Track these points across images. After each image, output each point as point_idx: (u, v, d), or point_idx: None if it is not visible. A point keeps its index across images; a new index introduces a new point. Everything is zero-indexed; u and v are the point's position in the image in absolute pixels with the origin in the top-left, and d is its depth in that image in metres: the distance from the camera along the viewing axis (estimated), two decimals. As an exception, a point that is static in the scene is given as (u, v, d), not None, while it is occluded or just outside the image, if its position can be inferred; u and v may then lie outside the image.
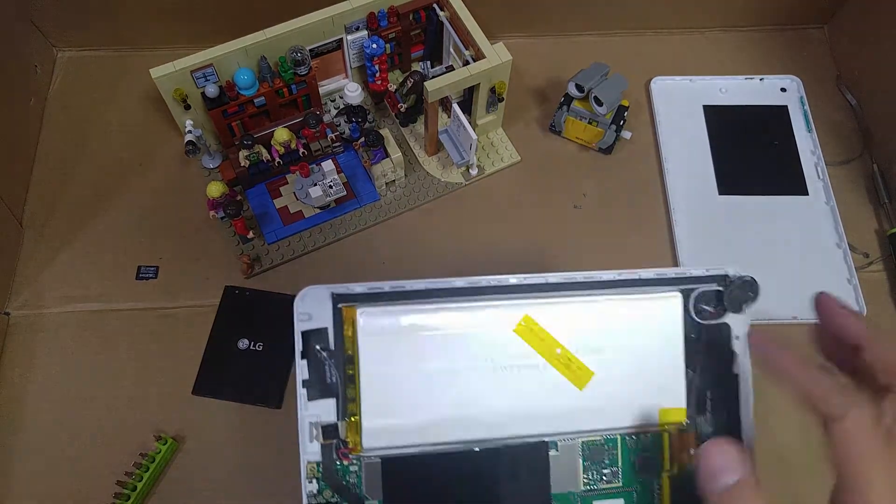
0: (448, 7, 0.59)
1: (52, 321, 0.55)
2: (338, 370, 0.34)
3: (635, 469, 0.36)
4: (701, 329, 0.36)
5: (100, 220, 0.60)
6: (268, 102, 0.59)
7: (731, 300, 0.35)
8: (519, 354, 0.35)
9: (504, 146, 0.64)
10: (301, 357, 0.33)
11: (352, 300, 0.34)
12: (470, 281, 0.34)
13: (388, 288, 0.34)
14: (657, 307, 0.35)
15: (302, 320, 0.33)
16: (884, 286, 0.58)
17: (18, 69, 0.62)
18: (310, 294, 0.33)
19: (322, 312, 0.33)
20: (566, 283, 0.35)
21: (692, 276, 0.36)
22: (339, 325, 0.34)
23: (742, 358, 0.36)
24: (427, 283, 0.34)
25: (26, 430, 0.52)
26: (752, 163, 0.63)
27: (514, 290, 0.35)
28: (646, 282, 0.35)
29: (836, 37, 0.70)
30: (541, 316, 0.35)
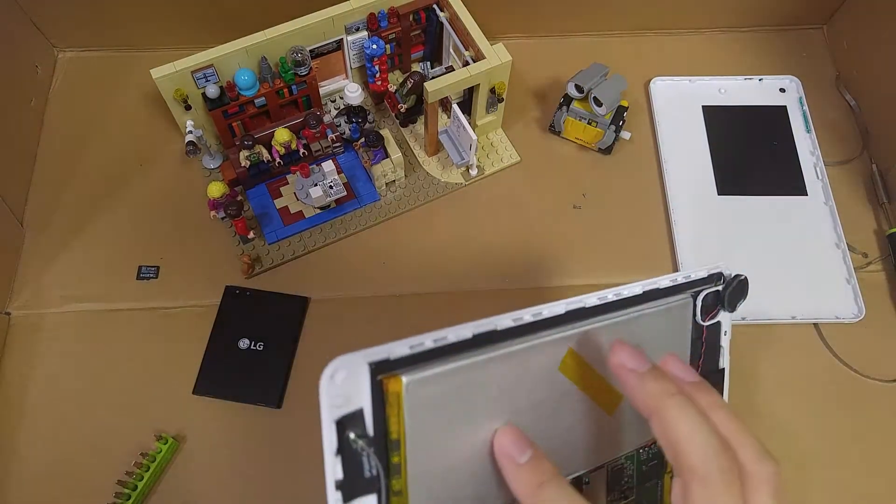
0: (448, 8, 0.59)
1: (52, 321, 0.56)
2: (379, 459, 0.26)
3: (645, 478, 0.36)
4: (701, 330, 0.36)
5: (101, 221, 0.60)
6: (268, 103, 0.59)
7: (729, 299, 0.35)
8: (563, 392, 0.31)
9: (504, 147, 0.64)
10: (336, 453, 0.25)
11: (392, 367, 0.26)
12: (515, 318, 0.29)
13: (430, 343, 0.27)
14: (674, 316, 0.34)
15: (336, 405, 0.25)
16: (883, 286, 0.59)
17: (19, 69, 0.62)
18: (342, 367, 0.25)
19: (357, 389, 0.25)
20: (602, 304, 0.32)
21: (697, 278, 0.34)
22: (379, 402, 0.26)
23: (726, 351, 0.36)
24: (473, 327, 0.28)
25: (27, 430, 0.52)
26: (751, 163, 0.63)
27: (558, 322, 0.30)
28: (664, 292, 0.33)
29: (835, 37, 0.70)
30: (582, 347, 0.31)
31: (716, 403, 0.28)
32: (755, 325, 0.56)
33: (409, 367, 0.26)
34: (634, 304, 0.32)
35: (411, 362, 0.26)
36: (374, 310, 0.57)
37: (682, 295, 0.34)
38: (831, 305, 0.57)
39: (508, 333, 0.29)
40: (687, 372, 0.29)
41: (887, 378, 0.55)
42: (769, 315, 0.56)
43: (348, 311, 0.56)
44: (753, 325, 0.56)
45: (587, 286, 0.58)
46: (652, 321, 0.33)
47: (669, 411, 0.26)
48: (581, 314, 0.31)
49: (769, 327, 0.56)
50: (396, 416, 0.26)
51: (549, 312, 0.30)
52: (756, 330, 0.56)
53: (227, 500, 0.50)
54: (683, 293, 0.34)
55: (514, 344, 0.29)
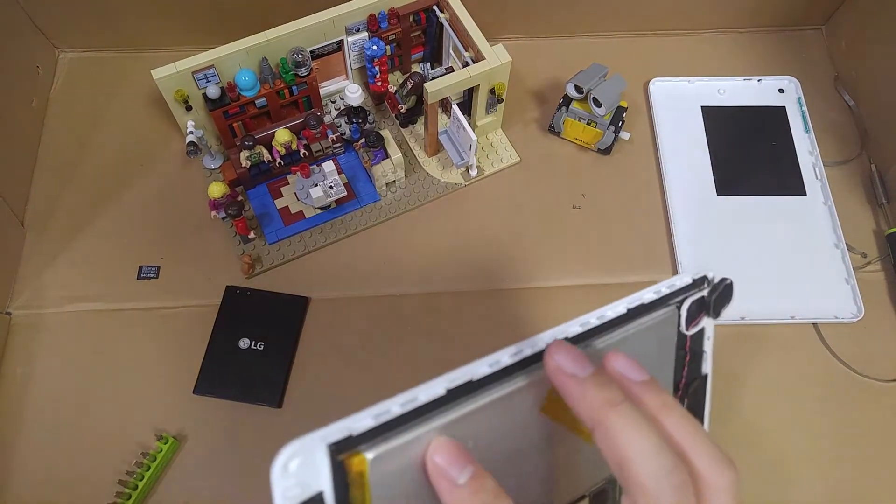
0: (448, 9, 0.60)
1: (53, 321, 0.56)
2: None
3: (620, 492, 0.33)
4: (685, 340, 0.33)
5: (101, 221, 0.60)
6: (269, 103, 0.59)
7: (714, 305, 0.33)
8: (546, 433, 0.28)
9: (503, 147, 0.64)
10: None
11: (355, 444, 0.23)
12: (491, 363, 0.26)
13: (398, 408, 0.23)
14: (661, 330, 0.32)
15: (290, 497, 0.21)
16: (882, 286, 0.59)
17: (20, 70, 0.62)
18: (298, 454, 0.22)
19: (316, 473, 0.22)
20: (586, 332, 0.28)
21: (682, 286, 0.32)
22: (341, 484, 0.22)
23: (709, 356, 0.35)
24: (446, 381, 0.24)
25: (27, 430, 0.52)
26: (750, 163, 0.64)
27: (533, 361, 0.27)
28: (651, 306, 0.31)
29: (834, 38, 0.71)
30: None
31: (667, 404, 0.25)
32: (754, 324, 0.56)
33: (377, 438, 0.23)
34: (620, 325, 0.29)
35: (380, 432, 0.23)
36: (374, 310, 0.57)
37: (666, 307, 0.31)
38: (830, 305, 0.57)
39: (486, 381, 0.25)
40: (634, 370, 0.26)
41: (886, 378, 0.55)
42: (768, 315, 0.56)
43: (348, 311, 0.57)
44: (753, 324, 0.56)
45: (587, 286, 0.58)
46: (638, 340, 0.30)
47: (615, 423, 0.23)
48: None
49: (768, 327, 0.56)
50: (362, 495, 0.23)
51: (532, 349, 0.26)
52: (755, 330, 0.56)
53: (227, 500, 0.50)
54: (668, 304, 0.31)
55: (491, 392, 0.25)
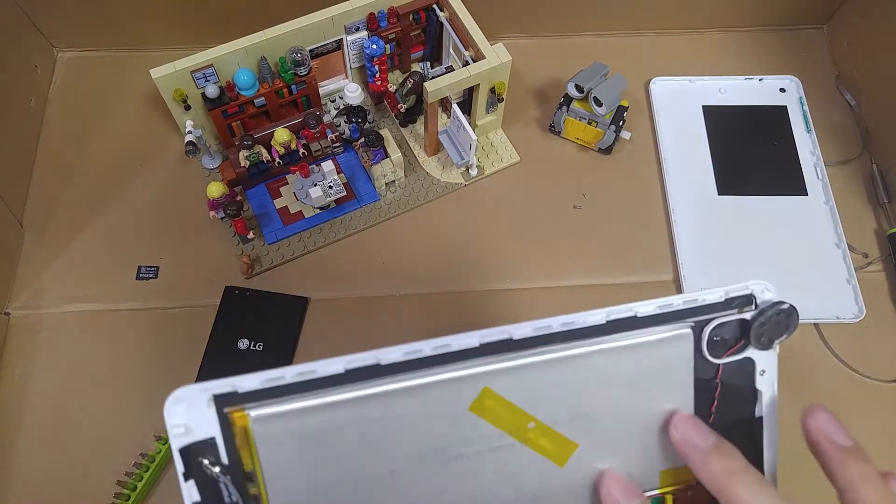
0: (448, 8, 0.59)
1: (52, 321, 0.55)
2: (237, 489, 0.25)
3: None
4: (717, 368, 0.28)
5: (100, 221, 0.60)
6: (268, 103, 0.59)
7: (760, 335, 0.27)
8: (479, 437, 0.26)
9: (504, 147, 0.64)
10: (185, 478, 0.25)
11: (241, 401, 0.25)
12: (406, 352, 0.25)
13: (290, 377, 0.25)
14: (659, 352, 0.27)
15: (176, 434, 0.25)
16: (883, 286, 0.59)
17: (19, 69, 0.62)
18: (182, 399, 0.24)
19: (204, 420, 0.25)
20: (538, 336, 0.26)
21: (706, 303, 0.27)
22: (228, 433, 0.25)
23: (767, 397, 0.29)
24: (346, 361, 0.25)
25: (26, 430, 0.52)
26: (751, 163, 0.63)
27: (467, 356, 0.26)
28: (644, 321, 0.27)
29: (835, 37, 0.70)
30: (505, 385, 0.26)
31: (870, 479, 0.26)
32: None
33: (265, 400, 0.25)
34: (591, 336, 0.26)
35: (270, 395, 0.25)
36: (374, 310, 0.56)
37: (675, 325, 0.27)
38: (832, 305, 0.57)
39: (396, 368, 0.25)
40: (839, 432, 0.28)
41: (888, 378, 0.55)
42: (769, 315, 0.56)
43: (348, 311, 0.56)
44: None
45: (587, 286, 0.58)
46: (622, 358, 0.27)
47: (738, 491, 0.25)
48: (507, 346, 0.26)
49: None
50: (248, 450, 0.25)
51: (458, 345, 0.25)
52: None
53: (226, 501, 0.50)
54: (678, 324, 0.27)
55: (402, 380, 0.25)
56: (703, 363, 0.28)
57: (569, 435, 0.27)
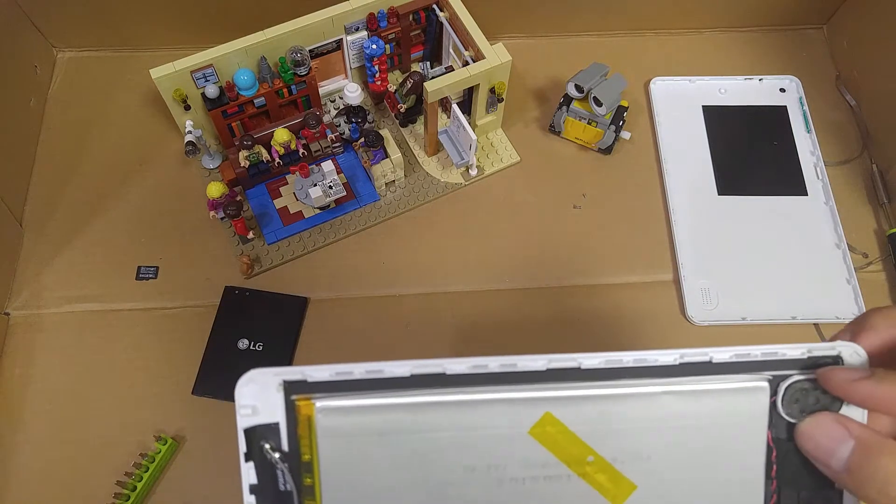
0: (448, 8, 0.59)
1: (51, 321, 0.55)
2: (293, 478, 0.26)
3: None
4: (793, 430, 0.26)
5: (100, 221, 0.60)
6: (268, 103, 0.59)
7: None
8: (535, 463, 0.26)
9: (503, 147, 0.64)
10: (245, 459, 0.26)
11: (309, 390, 0.26)
12: (474, 364, 0.25)
13: (359, 374, 0.25)
14: (731, 402, 0.26)
15: (244, 414, 0.26)
16: (883, 286, 0.59)
17: (18, 69, 0.62)
18: (254, 381, 0.25)
19: (271, 404, 0.26)
20: (607, 369, 0.26)
21: (786, 358, 0.26)
22: (292, 420, 0.26)
23: None
24: (413, 366, 0.25)
25: (26, 430, 0.52)
26: (751, 163, 0.63)
27: (532, 379, 0.26)
28: (718, 367, 0.26)
29: (835, 37, 0.70)
30: (568, 412, 0.26)
31: None
32: (755, 325, 0.56)
33: (332, 392, 0.25)
34: (660, 376, 0.26)
35: (337, 388, 0.25)
36: (374, 310, 0.56)
37: (748, 375, 0.26)
38: (831, 306, 0.57)
39: (461, 380, 0.25)
40: None
41: (888, 378, 0.55)
42: (769, 315, 0.56)
43: (348, 311, 0.56)
44: (754, 325, 0.56)
45: (587, 286, 0.58)
46: (691, 402, 0.26)
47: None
48: (574, 375, 0.25)
49: (769, 328, 0.56)
50: (308, 440, 0.26)
51: (525, 366, 0.25)
52: (756, 330, 0.56)
53: (226, 501, 0.50)
54: (753, 374, 0.26)
55: (466, 393, 0.25)
56: (779, 421, 0.26)
57: (629, 475, 0.26)
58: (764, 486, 0.27)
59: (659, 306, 0.57)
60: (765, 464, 0.27)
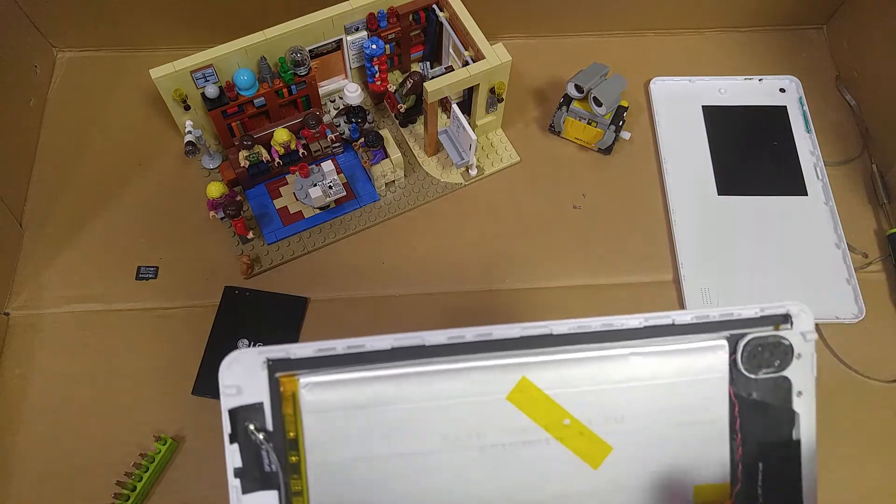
0: (448, 8, 0.59)
1: (51, 321, 0.55)
2: (278, 457, 0.26)
3: None
4: (752, 385, 0.28)
5: (99, 221, 0.60)
6: (267, 103, 0.59)
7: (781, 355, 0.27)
8: (514, 428, 0.27)
9: (503, 147, 0.64)
10: (230, 441, 0.26)
11: (293, 367, 0.26)
12: (451, 336, 0.27)
13: (341, 349, 0.26)
14: (695, 361, 0.28)
15: (228, 395, 0.26)
16: (883, 286, 0.59)
17: (18, 70, 0.62)
18: (238, 361, 0.26)
19: (255, 383, 0.26)
20: (577, 333, 0.27)
21: (742, 318, 0.28)
22: (276, 399, 0.26)
23: (805, 420, 0.29)
24: (393, 339, 0.26)
25: (26, 430, 0.52)
26: (751, 163, 0.63)
27: (508, 347, 0.27)
28: (681, 328, 0.28)
29: (835, 37, 0.70)
30: (543, 378, 0.27)
31: None
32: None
33: (315, 368, 0.26)
34: (628, 339, 0.27)
35: (320, 364, 0.26)
36: (374, 310, 0.56)
37: (710, 336, 0.28)
38: (831, 306, 0.57)
39: (440, 351, 0.26)
40: None
41: (887, 378, 0.55)
42: (769, 315, 0.56)
43: (348, 311, 0.56)
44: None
45: (588, 286, 0.58)
46: (658, 362, 0.27)
47: None
48: (547, 341, 0.27)
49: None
50: (293, 416, 0.26)
51: (500, 335, 0.26)
52: (756, 330, 0.56)
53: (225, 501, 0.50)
54: (713, 335, 0.28)
55: (445, 363, 0.26)
56: (739, 377, 0.28)
57: (604, 437, 0.28)
58: (729, 439, 0.28)
59: (659, 306, 0.57)
60: (728, 417, 0.28)
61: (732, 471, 0.29)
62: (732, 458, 0.28)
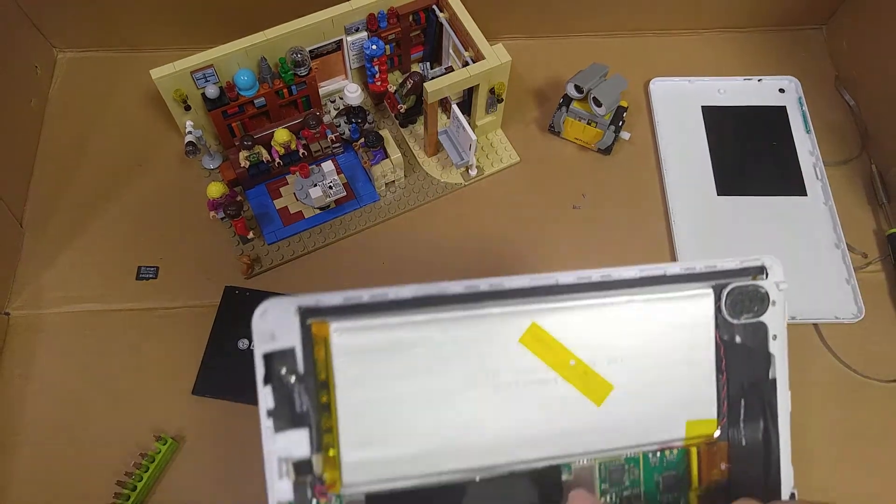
0: (447, 8, 0.59)
1: (52, 321, 0.55)
2: (309, 398, 0.28)
3: (659, 489, 0.33)
4: (734, 329, 0.32)
5: (100, 221, 0.60)
6: (268, 103, 0.59)
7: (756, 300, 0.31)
8: (526, 368, 0.30)
9: (503, 147, 0.64)
10: (264, 383, 0.28)
11: (323, 314, 0.29)
12: (467, 285, 0.29)
13: (367, 298, 0.29)
14: (685, 308, 0.31)
15: (263, 341, 0.28)
16: (882, 286, 0.59)
17: (19, 70, 0.62)
18: (272, 308, 0.28)
19: (288, 330, 0.28)
20: (580, 283, 0.30)
21: (724, 269, 0.31)
22: (308, 344, 0.28)
23: (780, 361, 0.33)
24: (415, 289, 0.29)
25: (26, 431, 0.52)
26: (750, 163, 0.63)
27: (518, 295, 0.30)
28: (671, 278, 0.31)
29: (835, 37, 0.70)
30: (551, 323, 0.30)
31: None
32: (755, 325, 0.56)
33: (344, 316, 0.29)
34: (625, 288, 0.30)
35: (347, 312, 0.29)
36: (374, 310, 0.56)
37: (698, 285, 0.31)
38: (831, 306, 0.57)
39: (458, 299, 0.29)
40: None
41: (887, 378, 0.55)
42: (769, 315, 0.56)
43: (348, 311, 0.56)
44: (753, 325, 0.56)
45: (587, 286, 0.58)
46: (652, 309, 0.31)
47: None
48: (553, 290, 0.30)
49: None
50: (324, 360, 0.29)
51: (511, 284, 0.30)
52: (756, 330, 0.56)
53: (225, 501, 0.50)
54: (700, 284, 0.31)
55: (462, 310, 0.29)
56: (723, 324, 0.32)
57: (606, 377, 0.31)
58: (716, 379, 0.32)
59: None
60: (715, 359, 0.32)
61: (719, 407, 0.32)
62: (718, 396, 0.32)
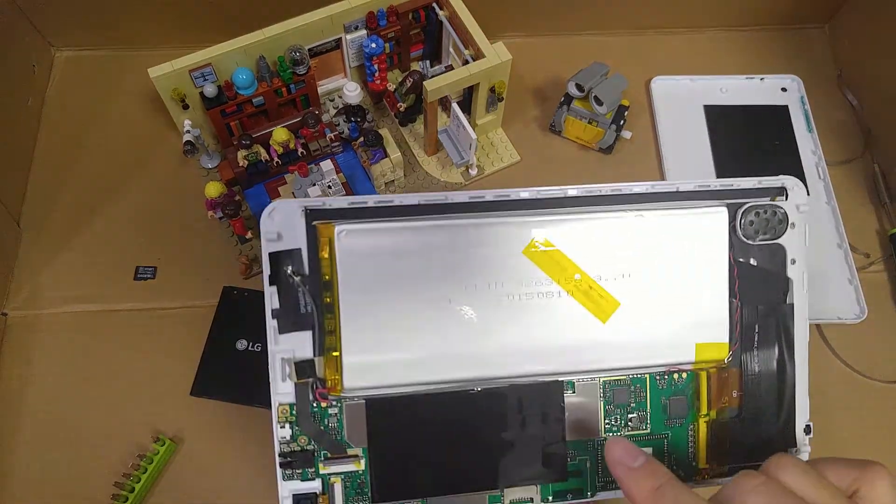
0: (448, 6, 0.59)
1: (49, 322, 0.55)
2: (313, 298, 0.29)
3: (666, 413, 0.32)
4: (749, 251, 0.31)
5: (98, 221, 0.59)
6: (266, 102, 0.59)
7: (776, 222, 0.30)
8: (530, 280, 0.29)
9: (504, 146, 0.64)
10: (269, 283, 0.29)
11: (329, 216, 0.29)
12: (472, 195, 0.29)
13: (372, 203, 0.29)
14: (697, 224, 0.30)
15: (269, 240, 0.28)
16: (885, 286, 0.58)
17: (16, 69, 0.62)
18: (279, 209, 0.29)
19: (294, 231, 0.29)
20: (589, 196, 0.30)
21: (741, 188, 0.31)
22: (313, 245, 0.29)
23: (798, 286, 0.31)
24: (420, 196, 0.29)
25: (24, 431, 0.51)
26: (752, 163, 0.63)
27: (525, 206, 0.29)
28: (684, 195, 0.30)
29: (837, 36, 0.70)
30: (557, 235, 0.29)
31: (661, 489, 0.27)
32: (756, 325, 0.56)
33: (349, 219, 0.29)
34: (635, 203, 0.30)
35: (352, 216, 0.29)
36: (373, 310, 0.56)
37: (712, 203, 0.30)
38: (833, 306, 0.57)
39: (463, 207, 0.29)
40: (629, 455, 0.28)
41: (889, 379, 0.55)
42: (771, 316, 0.56)
43: (347, 311, 0.56)
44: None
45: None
46: (663, 225, 0.30)
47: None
48: (560, 203, 0.29)
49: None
50: (329, 260, 0.29)
51: (516, 196, 0.29)
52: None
53: (224, 502, 0.50)
54: (714, 202, 0.30)
55: (466, 218, 0.29)
56: (738, 245, 0.30)
57: (613, 293, 0.30)
58: (728, 301, 0.31)
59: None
60: (728, 279, 0.31)
61: (731, 331, 0.31)
62: (731, 320, 0.31)
